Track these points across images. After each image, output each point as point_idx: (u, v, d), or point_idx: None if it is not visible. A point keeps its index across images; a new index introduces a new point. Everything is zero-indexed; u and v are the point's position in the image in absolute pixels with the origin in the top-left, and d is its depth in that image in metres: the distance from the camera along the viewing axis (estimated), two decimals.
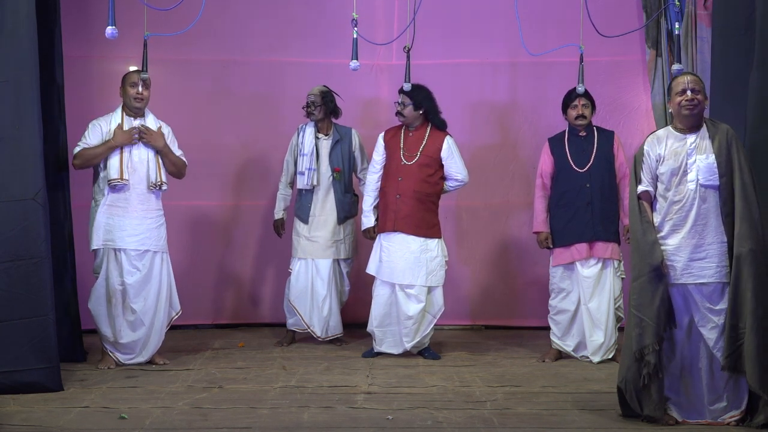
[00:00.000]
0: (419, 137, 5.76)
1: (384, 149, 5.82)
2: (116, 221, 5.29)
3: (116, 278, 5.32)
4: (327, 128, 6.10)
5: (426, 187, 5.71)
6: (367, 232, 5.91)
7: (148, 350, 5.44)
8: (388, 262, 5.69)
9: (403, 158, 5.72)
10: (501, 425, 4.19)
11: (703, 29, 5.94)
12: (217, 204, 6.88)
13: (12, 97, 4.69)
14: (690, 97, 4.16)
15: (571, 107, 5.60)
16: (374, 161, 5.88)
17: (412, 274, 5.66)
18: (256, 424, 4.18)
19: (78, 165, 5.33)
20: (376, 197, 5.85)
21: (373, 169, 5.88)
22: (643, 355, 4.11)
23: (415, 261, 5.65)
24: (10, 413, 4.31)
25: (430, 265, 5.69)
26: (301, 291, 6.05)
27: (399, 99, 5.74)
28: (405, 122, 5.77)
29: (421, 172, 5.70)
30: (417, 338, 5.71)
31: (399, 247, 5.67)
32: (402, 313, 5.69)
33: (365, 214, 5.90)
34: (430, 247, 5.70)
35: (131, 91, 5.34)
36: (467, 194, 6.86)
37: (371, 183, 5.86)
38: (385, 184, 5.78)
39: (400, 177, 5.69)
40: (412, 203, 5.67)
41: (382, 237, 5.75)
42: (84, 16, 6.40)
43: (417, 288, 5.67)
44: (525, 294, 6.84)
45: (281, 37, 6.83)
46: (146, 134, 5.33)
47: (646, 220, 4.19)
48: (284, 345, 6.13)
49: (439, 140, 5.75)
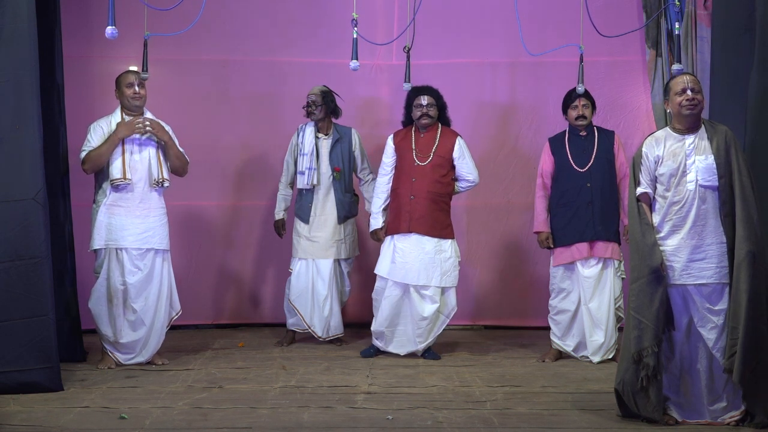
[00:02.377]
0: (431, 138, 5.76)
1: (394, 151, 5.80)
2: (118, 221, 5.29)
3: (118, 278, 5.32)
4: (327, 128, 6.10)
5: (439, 187, 5.71)
6: (375, 234, 5.88)
7: (148, 350, 5.43)
8: (403, 264, 5.67)
9: (416, 159, 5.71)
10: (501, 425, 4.19)
11: (703, 29, 5.94)
12: (217, 204, 6.88)
13: (12, 97, 4.68)
14: (690, 97, 4.16)
15: (572, 108, 5.60)
16: (384, 164, 5.85)
17: (427, 275, 5.65)
18: (256, 424, 4.18)
19: (88, 168, 5.30)
20: (386, 199, 5.83)
21: (383, 171, 5.85)
22: (641, 357, 4.10)
23: (430, 262, 5.65)
24: (10, 413, 4.31)
25: (444, 266, 5.68)
26: (302, 291, 6.05)
27: (424, 102, 5.69)
28: (429, 124, 5.75)
29: (435, 172, 5.70)
30: (430, 338, 5.73)
31: (414, 249, 5.66)
32: (416, 314, 5.68)
33: (374, 215, 5.87)
34: (444, 247, 5.70)
35: (128, 91, 5.33)
36: (467, 194, 6.84)
37: (381, 185, 5.83)
38: (397, 186, 5.76)
39: (414, 178, 5.69)
40: (426, 204, 5.67)
41: (395, 238, 5.71)
42: (84, 16, 6.40)
43: (432, 289, 5.67)
44: (525, 294, 6.84)
45: (281, 37, 6.84)
46: (152, 126, 5.32)
47: (646, 222, 4.19)
48: (284, 345, 6.13)
49: (451, 141, 5.76)
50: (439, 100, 5.77)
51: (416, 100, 5.73)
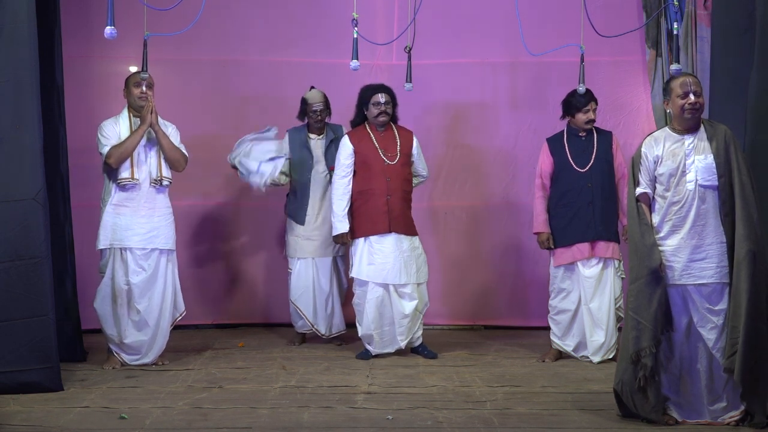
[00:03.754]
0: (391, 136, 5.79)
1: (353, 152, 5.75)
2: (123, 220, 5.30)
3: (122, 278, 5.32)
4: (321, 129, 6.10)
5: (407, 185, 5.81)
6: (341, 238, 5.77)
7: (154, 351, 5.43)
8: (383, 264, 5.66)
9: (385, 159, 5.72)
10: (501, 425, 4.19)
11: (703, 29, 5.95)
12: (217, 204, 6.88)
13: (12, 97, 4.69)
14: (693, 101, 4.13)
15: (583, 112, 5.56)
16: (343, 165, 5.75)
17: (406, 273, 5.67)
18: (256, 424, 4.18)
19: (114, 162, 5.23)
20: (348, 200, 5.75)
21: (342, 172, 5.74)
22: (639, 357, 4.10)
23: (408, 260, 5.68)
24: (10, 413, 4.31)
25: (418, 262, 5.75)
26: (304, 291, 6.05)
27: (382, 99, 5.71)
28: (386, 122, 5.77)
29: (404, 170, 5.77)
30: (410, 335, 5.76)
31: (393, 248, 5.66)
32: (398, 313, 5.70)
33: (340, 219, 5.72)
34: (415, 244, 5.78)
35: (135, 90, 5.34)
36: (467, 194, 6.88)
37: (342, 186, 5.73)
38: (368, 186, 5.70)
39: (389, 177, 5.69)
40: (401, 203, 5.71)
41: (371, 240, 5.69)
42: (84, 16, 6.41)
43: (410, 286, 5.71)
44: (525, 294, 6.84)
45: (281, 37, 6.84)
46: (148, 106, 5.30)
47: (645, 222, 4.18)
48: (296, 344, 6.16)
49: (409, 138, 5.83)
50: (394, 98, 5.81)
51: (374, 98, 5.73)
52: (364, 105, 5.80)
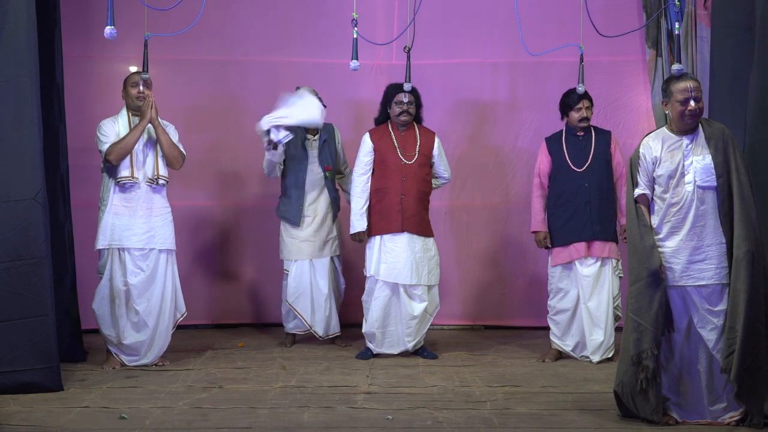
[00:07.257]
0: (411, 136, 5.77)
1: (373, 150, 5.76)
2: (122, 221, 5.29)
3: (120, 279, 5.31)
4: (315, 128, 6.07)
5: (425, 186, 5.75)
6: (358, 236, 5.76)
7: (153, 352, 5.42)
8: (394, 263, 5.66)
9: (403, 158, 5.71)
10: (501, 425, 4.19)
11: (703, 29, 5.94)
12: (217, 204, 6.88)
13: (12, 97, 4.68)
14: (693, 107, 4.11)
15: (575, 110, 5.59)
16: (363, 162, 5.75)
17: (417, 274, 5.66)
18: (256, 424, 4.18)
19: (114, 159, 5.22)
20: (367, 198, 5.75)
21: (361, 170, 5.75)
22: (640, 359, 4.09)
23: (419, 261, 5.66)
24: (10, 413, 4.31)
25: (430, 264, 5.72)
26: (302, 292, 6.03)
27: (405, 99, 5.69)
28: (408, 121, 5.75)
29: (421, 171, 5.73)
30: (418, 337, 5.74)
31: (405, 248, 5.65)
32: (406, 314, 5.69)
33: (359, 217, 5.73)
34: (429, 245, 5.74)
35: (133, 90, 5.34)
36: (467, 194, 6.87)
37: (361, 184, 5.74)
38: (384, 185, 5.71)
39: (404, 177, 5.68)
40: (415, 203, 5.68)
41: (385, 238, 5.69)
42: (84, 16, 6.41)
43: (421, 288, 5.69)
44: (524, 294, 6.84)
45: (281, 37, 6.84)
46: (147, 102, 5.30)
47: (644, 224, 4.17)
48: (287, 346, 6.13)
49: (431, 139, 5.79)
50: (419, 98, 5.79)
51: (397, 96, 5.72)
52: (387, 103, 5.80)
